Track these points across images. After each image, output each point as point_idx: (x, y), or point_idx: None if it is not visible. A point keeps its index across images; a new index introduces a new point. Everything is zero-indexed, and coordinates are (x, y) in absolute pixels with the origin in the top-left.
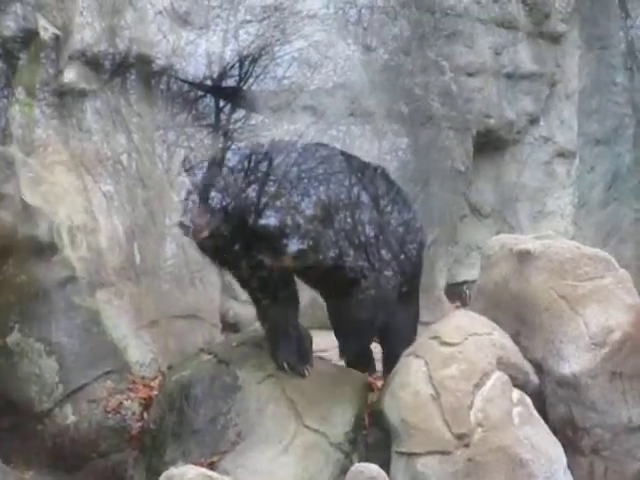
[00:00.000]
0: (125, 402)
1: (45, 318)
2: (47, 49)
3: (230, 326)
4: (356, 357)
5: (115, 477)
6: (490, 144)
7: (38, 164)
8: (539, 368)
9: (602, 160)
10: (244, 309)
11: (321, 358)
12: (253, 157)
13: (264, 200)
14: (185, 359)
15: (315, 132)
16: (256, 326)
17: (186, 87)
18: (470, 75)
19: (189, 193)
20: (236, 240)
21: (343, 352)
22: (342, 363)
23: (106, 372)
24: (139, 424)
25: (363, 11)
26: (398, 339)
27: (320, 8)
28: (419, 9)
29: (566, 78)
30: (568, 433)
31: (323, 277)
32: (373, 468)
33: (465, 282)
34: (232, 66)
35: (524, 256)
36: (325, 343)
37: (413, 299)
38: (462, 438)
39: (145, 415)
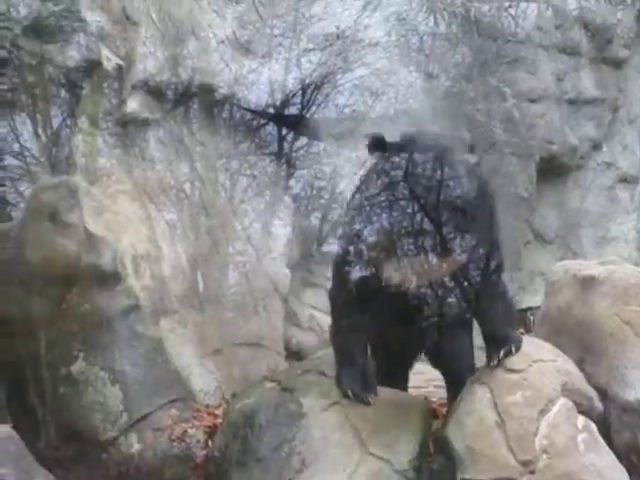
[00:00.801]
0: (189, 430)
1: (109, 347)
2: (110, 79)
3: (293, 354)
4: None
5: None
6: (553, 170)
7: (101, 193)
8: (603, 394)
9: None
10: (307, 337)
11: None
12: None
13: None
14: (249, 387)
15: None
16: (319, 354)
17: (249, 115)
18: (532, 101)
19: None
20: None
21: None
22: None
23: (170, 400)
24: (203, 452)
25: (425, 38)
26: (461, 365)
27: (382, 36)
28: (481, 36)
29: (628, 103)
30: (633, 459)
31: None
32: None
33: (529, 308)
34: (294, 94)
35: (588, 282)
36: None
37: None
38: (527, 465)
39: (209, 443)
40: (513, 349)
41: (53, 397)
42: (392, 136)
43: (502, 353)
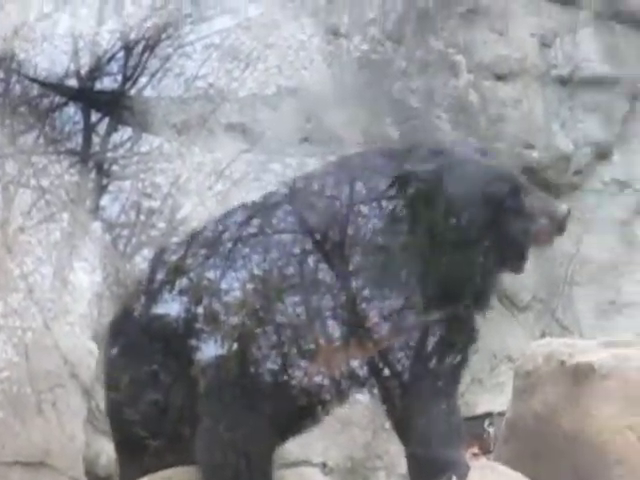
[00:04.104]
0: None
1: None
2: None
3: None
4: None
5: None
6: None
7: None
8: None
9: None
10: None
11: None
12: None
13: None
14: None
15: (246, 166)
16: None
17: (35, 89)
18: (500, 79)
19: None
20: None
21: None
22: None
23: None
24: None
25: None
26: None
27: None
28: None
29: None
30: None
31: None
32: None
33: (487, 415)
34: (111, 57)
35: (584, 375)
36: None
37: None
38: None
39: None
40: None
41: None
42: (274, 126)
43: None
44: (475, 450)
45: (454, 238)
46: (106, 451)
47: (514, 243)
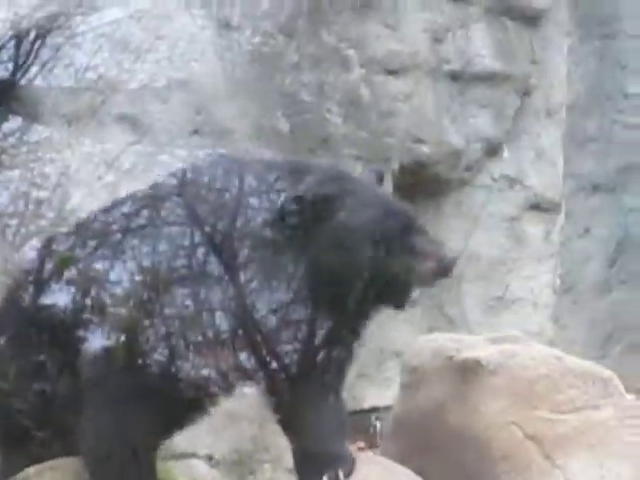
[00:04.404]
0: None
1: None
2: None
3: None
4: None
5: None
6: (421, 186)
7: None
8: None
9: (602, 218)
10: None
11: None
12: None
13: None
14: None
15: (136, 157)
16: None
17: None
18: (392, 73)
19: None
20: None
21: None
22: None
23: None
24: None
25: None
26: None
27: None
28: None
29: (548, 83)
30: None
31: None
32: None
33: (374, 409)
34: (1, 46)
35: (471, 370)
36: None
37: None
38: None
39: None
40: (341, 475)
41: None
42: (164, 117)
43: None
44: (361, 444)
45: (339, 265)
46: None
47: (398, 280)
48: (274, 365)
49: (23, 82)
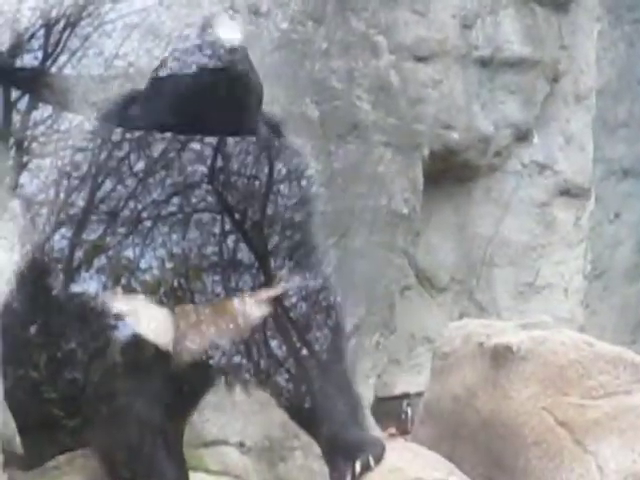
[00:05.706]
0: None
1: None
2: None
3: None
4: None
5: None
6: (451, 172)
7: None
8: None
9: (633, 203)
10: None
11: None
12: None
13: None
14: None
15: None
16: None
17: None
18: (421, 60)
19: None
20: None
21: None
22: None
23: None
24: None
25: None
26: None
27: None
28: None
29: (577, 69)
30: None
31: None
32: None
33: (405, 395)
34: (32, 35)
35: (502, 356)
36: None
37: None
38: None
39: None
40: (371, 461)
41: None
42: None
43: (357, 467)
44: (393, 431)
45: None
46: None
47: None
48: (304, 352)
49: (53, 70)
